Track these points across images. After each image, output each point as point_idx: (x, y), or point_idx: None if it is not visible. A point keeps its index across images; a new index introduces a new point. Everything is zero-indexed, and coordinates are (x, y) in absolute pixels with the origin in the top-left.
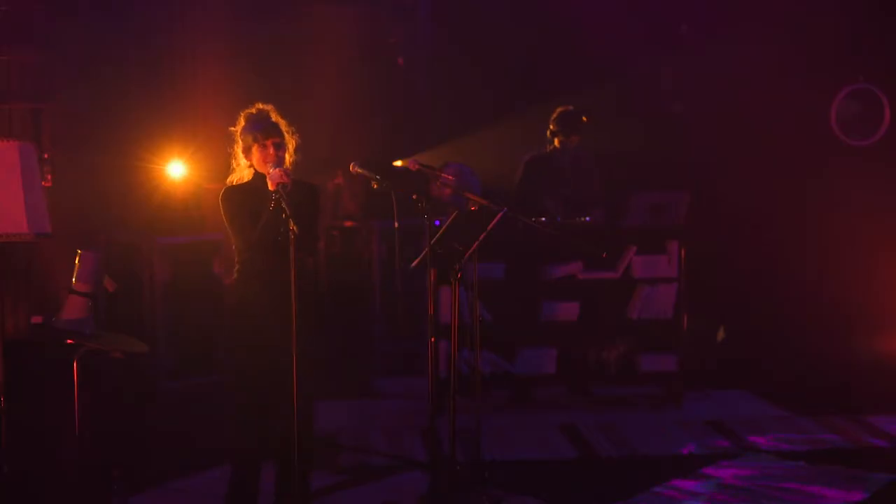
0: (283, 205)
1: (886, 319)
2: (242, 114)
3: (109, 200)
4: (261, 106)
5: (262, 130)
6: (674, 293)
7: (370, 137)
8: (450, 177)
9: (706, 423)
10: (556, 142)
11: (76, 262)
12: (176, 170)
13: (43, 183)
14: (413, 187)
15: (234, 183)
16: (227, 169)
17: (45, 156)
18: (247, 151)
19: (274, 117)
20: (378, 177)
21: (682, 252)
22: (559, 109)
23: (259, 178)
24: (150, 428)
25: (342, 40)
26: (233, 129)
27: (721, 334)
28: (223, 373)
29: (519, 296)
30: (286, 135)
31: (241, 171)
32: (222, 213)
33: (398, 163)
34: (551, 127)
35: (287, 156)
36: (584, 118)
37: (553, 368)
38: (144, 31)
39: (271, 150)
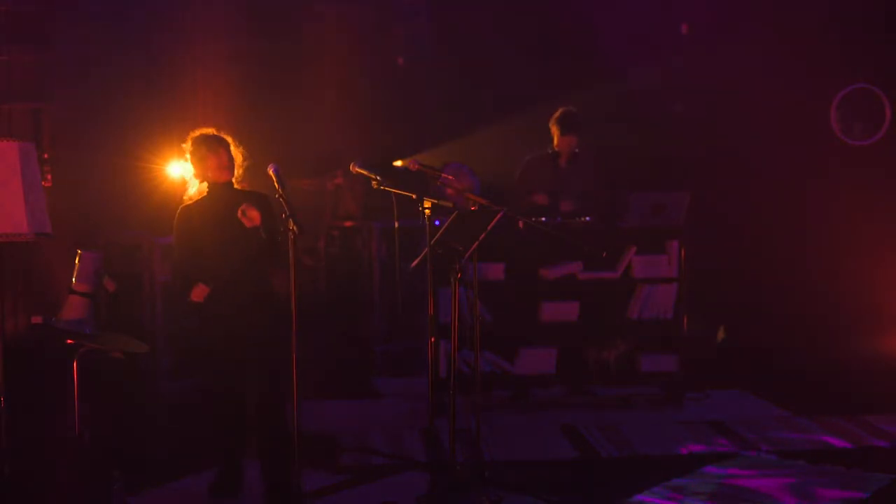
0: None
1: (886, 319)
2: (189, 139)
3: (109, 200)
4: (202, 130)
5: (212, 145)
6: (674, 293)
7: (370, 137)
8: (450, 177)
9: (706, 423)
10: (554, 141)
11: (76, 262)
12: (176, 170)
13: (43, 183)
14: (413, 187)
15: (192, 200)
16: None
17: (45, 156)
18: (201, 163)
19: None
20: (378, 177)
21: (682, 252)
22: (561, 109)
23: (214, 189)
24: (150, 428)
25: (342, 40)
26: (184, 159)
27: (721, 334)
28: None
29: (519, 296)
30: (232, 146)
31: (199, 192)
32: (177, 229)
33: (398, 163)
34: (551, 127)
35: (238, 168)
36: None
37: (553, 368)
38: (144, 31)
39: (223, 156)
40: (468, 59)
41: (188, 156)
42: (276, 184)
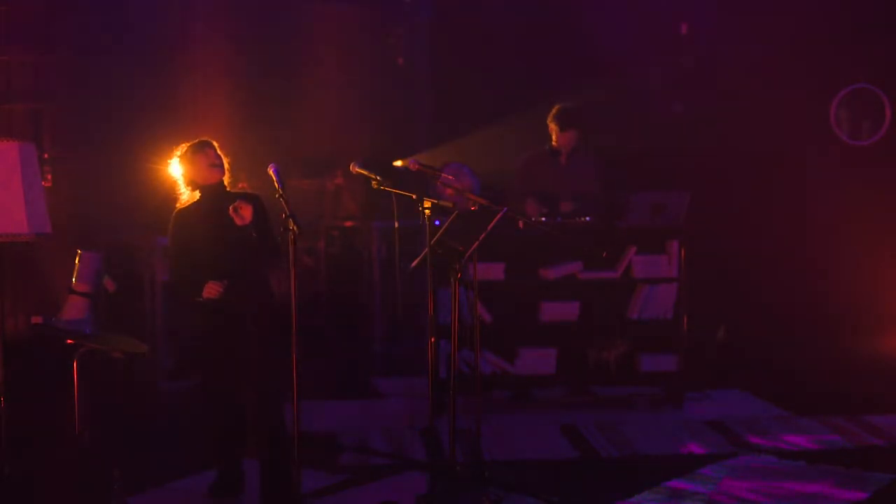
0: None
1: (886, 319)
2: (178, 152)
3: (109, 200)
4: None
5: (198, 145)
6: (674, 293)
7: (370, 137)
8: (450, 177)
9: (706, 423)
10: (553, 139)
11: (76, 262)
12: (177, 170)
13: (43, 183)
14: (413, 187)
15: (185, 204)
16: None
17: (45, 156)
18: (191, 164)
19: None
20: (378, 177)
21: (682, 252)
22: (558, 106)
23: (206, 192)
24: (150, 428)
25: (342, 40)
26: (172, 171)
27: (721, 334)
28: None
29: (519, 296)
30: (218, 149)
31: (191, 197)
32: (172, 234)
33: (398, 163)
34: (549, 124)
35: (225, 172)
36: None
37: (553, 368)
38: (145, 32)
39: (211, 155)
40: (468, 58)
41: (179, 164)
42: (275, 184)
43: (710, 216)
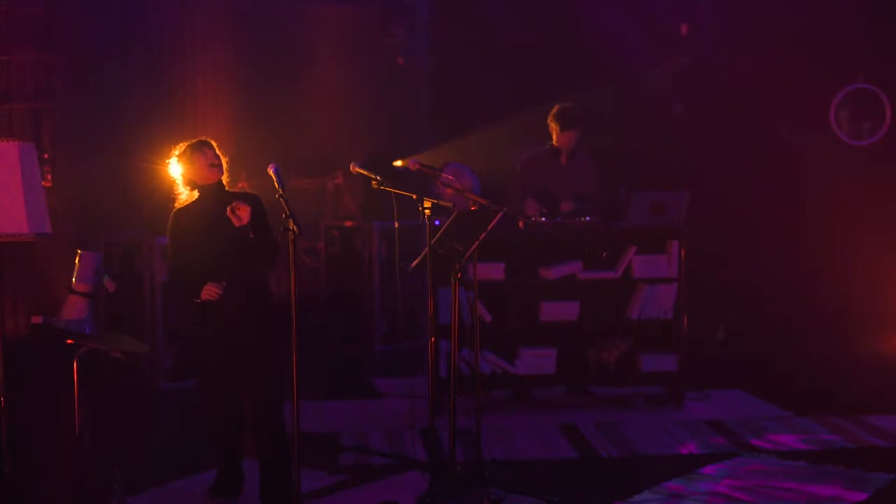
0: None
1: (886, 319)
2: (176, 151)
3: (109, 200)
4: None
5: (196, 145)
6: (674, 293)
7: (370, 137)
8: (450, 176)
9: (706, 423)
10: (553, 138)
11: (76, 262)
12: (176, 170)
13: (43, 183)
14: (413, 187)
15: (184, 204)
16: (229, 166)
17: (45, 156)
18: (189, 164)
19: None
20: (378, 177)
21: (682, 252)
22: (557, 106)
23: (205, 192)
24: (150, 428)
25: (342, 40)
26: (171, 171)
27: (721, 334)
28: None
29: (519, 296)
30: (217, 148)
31: (190, 196)
32: (170, 233)
33: (398, 163)
34: (550, 124)
35: (224, 172)
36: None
37: (553, 368)
38: (145, 31)
39: (210, 154)
40: (468, 58)
41: (177, 164)
42: (275, 184)
43: (710, 216)
